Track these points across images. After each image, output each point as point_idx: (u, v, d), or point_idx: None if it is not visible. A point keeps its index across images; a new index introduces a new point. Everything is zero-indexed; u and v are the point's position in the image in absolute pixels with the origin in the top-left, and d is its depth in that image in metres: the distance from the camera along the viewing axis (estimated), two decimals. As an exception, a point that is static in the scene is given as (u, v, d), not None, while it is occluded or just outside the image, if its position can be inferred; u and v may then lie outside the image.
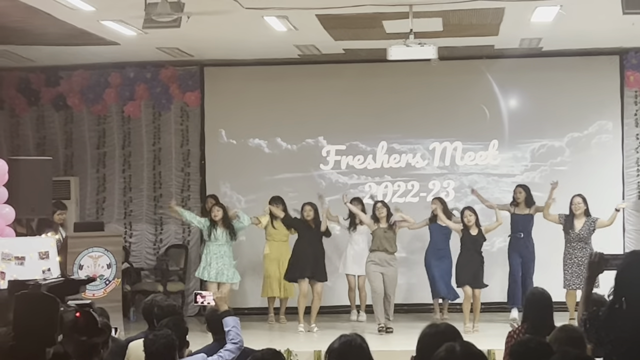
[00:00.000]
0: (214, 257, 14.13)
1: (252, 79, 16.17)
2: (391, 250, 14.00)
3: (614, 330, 5.68)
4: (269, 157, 16.24)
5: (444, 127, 15.97)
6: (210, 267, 14.13)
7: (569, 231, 13.76)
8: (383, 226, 14.02)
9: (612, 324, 5.72)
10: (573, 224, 13.76)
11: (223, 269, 14.14)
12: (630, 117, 15.80)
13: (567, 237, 13.80)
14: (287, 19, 12.19)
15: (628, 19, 11.70)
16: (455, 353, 4.29)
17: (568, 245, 13.78)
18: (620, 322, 5.66)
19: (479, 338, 13.00)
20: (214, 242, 14.18)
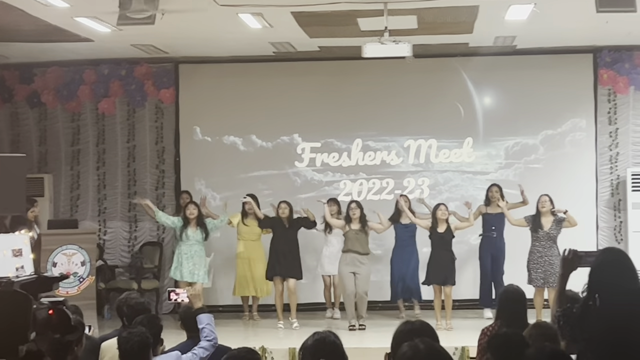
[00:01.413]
0: (185, 257, 14.10)
1: (227, 76, 16.16)
2: (363, 251, 14.00)
3: (588, 327, 5.71)
4: (244, 155, 16.22)
5: (419, 125, 16.00)
6: (182, 267, 14.10)
7: (537, 230, 13.77)
8: (355, 227, 14.01)
9: (586, 321, 5.75)
10: (541, 222, 13.78)
11: (194, 269, 14.10)
12: (603, 115, 15.88)
13: (536, 236, 13.78)
14: (262, 16, 12.17)
15: (602, 17, 11.76)
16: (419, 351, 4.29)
17: (537, 244, 13.75)
18: (594, 319, 5.69)
19: (452, 335, 13.12)
20: (185, 242, 14.15)
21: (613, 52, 15.73)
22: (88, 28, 12.71)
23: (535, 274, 13.66)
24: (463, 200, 15.22)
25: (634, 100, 15.82)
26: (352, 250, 13.91)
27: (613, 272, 5.74)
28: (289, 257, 14.23)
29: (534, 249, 13.75)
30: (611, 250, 6.20)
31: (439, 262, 13.95)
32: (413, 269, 14.55)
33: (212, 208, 15.28)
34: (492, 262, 14.56)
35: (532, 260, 13.71)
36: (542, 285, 13.60)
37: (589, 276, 5.80)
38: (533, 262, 13.70)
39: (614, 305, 5.66)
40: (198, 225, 14.18)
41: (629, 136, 15.82)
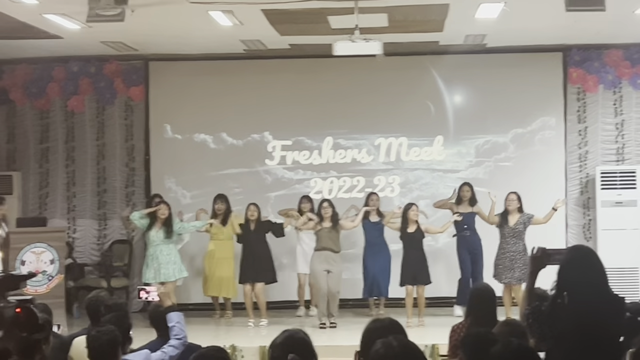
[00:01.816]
0: (150, 259, 14.03)
1: (198, 73, 16.10)
2: (336, 249, 14.02)
3: (557, 324, 5.74)
4: (215, 152, 16.18)
5: (390, 123, 16.01)
6: (147, 269, 14.03)
7: (503, 226, 13.88)
8: (327, 226, 14.02)
9: (554, 319, 5.77)
10: (507, 219, 13.88)
11: (160, 269, 14.00)
12: (573, 114, 15.96)
13: (502, 232, 13.90)
14: (232, 13, 12.14)
15: (571, 16, 11.80)
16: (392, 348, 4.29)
17: (503, 240, 13.88)
18: (563, 317, 5.71)
19: (423, 333, 13.14)
20: (150, 244, 14.08)
21: (582, 51, 15.82)
22: (57, 25, 12.64)
23: (498, 270, 13.75)
24: (434, 199, 15.28)
25: (603, 98, 15.91)
26: (326, 248, 13.92)
27: (581, 269, 5.76)
28: (258, 261, 14.21)
29: (500, 245, 13.87)
30: (579, 248, 6.22)
31: (410, 262, 13.98)
32: (383, 266, 14.55)
33: (182, 207, 15.24)
34: (471, 259, 14.59)
35: (497, 256, 13.83)
36: (507, 282, 13.66)
37: (557, 274, 5.82)
38: (498, 258, 13.81)
39: (582, 303, 5.69)
40: (163, 225, 14.07)
41: (598, 135, 15.91)
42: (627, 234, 15.29)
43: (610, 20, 12.97)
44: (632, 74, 15.81)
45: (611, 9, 10.90)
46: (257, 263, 14.22)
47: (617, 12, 12.04)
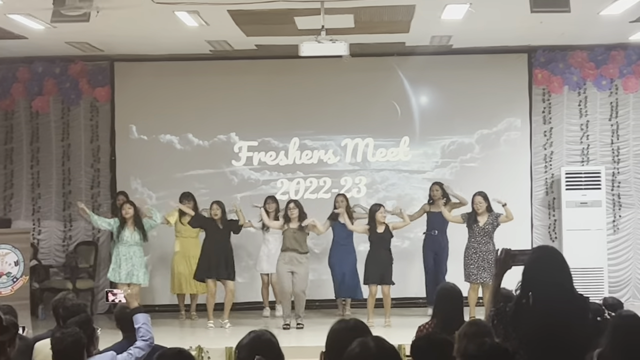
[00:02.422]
0: (124, 259, 13.96)
1: (164, 74, 16.05)
2: (302, 250, 14.02)
3: (521, 325, 5.76)
4: (181, 153, 16.13)
5: (356, 124, 16.03)
6: (120, 268, 13.95)
7: (472, 226, 13.92)
8: (293, 227, 14.01)
9: (519, 319, 5.79)
10: (476, 219, 13.93)
11: (133, 270, 13.96)
12: (538, 115, 16.05)
13: (471, 232, 13.94)
14: (198, 14, 12.10)
15: (536, 17, 11.88)
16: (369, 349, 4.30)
17: (472, 240, 13.90)
18: (528, 317, 5.74)
19: (389, 333, 13.12)
20: (124, 244, 14.01)
21: (547, 52, 15.92)
22: (22, 25, 12.55)
23: (468, 269, 13.79)
24: (400, 199, 15.34)
25: (568, 99, 16.01)
26: (291, 249, 13.91)
27: (546, 270, 5.79)
28: (222, 259, 14.17)
29: (469, 245, 13.89)
30: (544, 248, 6.25)
31: (377, 262, 13.99)
32: (352, 268, 14.56)
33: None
34: (435, 260, 14.63)
35: (467, 256, 13.85)
36: (475, 281, 13.72)
37: (522, 274, 5.85)
38: (468, 258, 13.83)
39: (547, 303, 5.71)
40: (135, 226, 14.04)
41: (563, 135, 16.01)
42: (591, 235, 15.40)
43: (575, 22, 13.06)
44: (597, 75, 15.93)
45: (576, 10, 10.99)
46: (224, 261, 14.15)
47: (581, 14, 12.13)
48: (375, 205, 14.38)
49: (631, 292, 15.80)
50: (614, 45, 15.71)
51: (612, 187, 15.90)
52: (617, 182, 15.93)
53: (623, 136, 15.98)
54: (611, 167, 15.89)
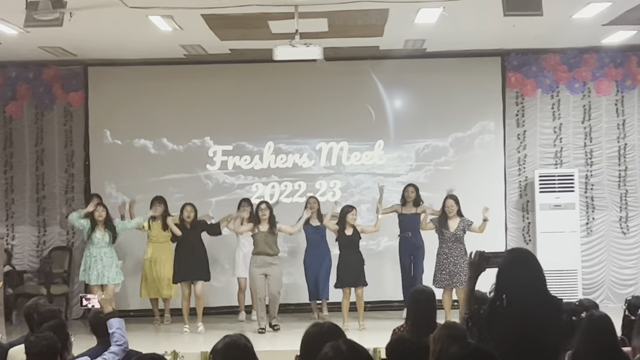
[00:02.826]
0: (94, 260, 13.92)
1: (138, 79, 16.02)
2: (273, 252, 14.01)
3: (495, 327, 5.78)
4: (155, 158, 16.10)
5: (331, 128, 16.05)
6: (90, 270, 13.91)
7: (443, 231, 13.93)
8: (264, 229, 14.01)
9: (493, 322, 5.82)
10: (447, 223, 13.94)
11: (103, 271, 13.92)
12: (511, 118, 16.12)
13: (442, 237, 13.93)
14: (172, 18, 12.08)
15: (509, 20, 11.91)
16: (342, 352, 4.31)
17: (444, 245, 13.89)
18: (502, 320, 5.76)
19: (365, 336, 13.16)
20: (94, 245, 13.97)
21: (520, 55, 15.99)
22: (-6, 30, 12.49)
23: (440, 275, 13.79)
24: (375, 203, 15.33)
25: (541, 102, 16.10)
26: (262, 253, 13.92)
27: (520, 272, 5.81)
28: (195, 260, 14.14)
29: (440, 250, 13.89)
30: (518, 250, 6.28)
31: (349, 265, 14.00)
32: (325, 270, 14.58)
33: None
34: (412, 261, 14.64)
35: (438, 261, 13.85)
36: (448, 287, 13.74)
37: (496, 277, 5.87)
38: (439, 264, 13.84)
39: (520, 305, 5.73)
40: (106, 227, 14.02)
41: (537, 138, 16.09)
42: (565, 237, 15.48)
43: (548, 25, 13.12)
44: (570, 78, 16.02)
45: (548, 14, 11.01)
46: (194, 262, 14.13)
47: (554, 17, 12.18)
48: (347, 206, 14.38)
49: (605, 294, 15.89)
50: (586, 49, 15.80)
51: (586, 189, 16.00)
52: (590, 185, 16.03)
53: (596, 139, 16.07)
54: (584, 170, 15.98)
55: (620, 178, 16.04)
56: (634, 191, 15.96)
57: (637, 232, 16.05)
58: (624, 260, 16.03)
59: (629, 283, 15.93)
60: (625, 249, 16.05)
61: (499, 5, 10.81)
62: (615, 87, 16.09)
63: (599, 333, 6.52)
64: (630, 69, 16.01)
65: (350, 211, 14.16)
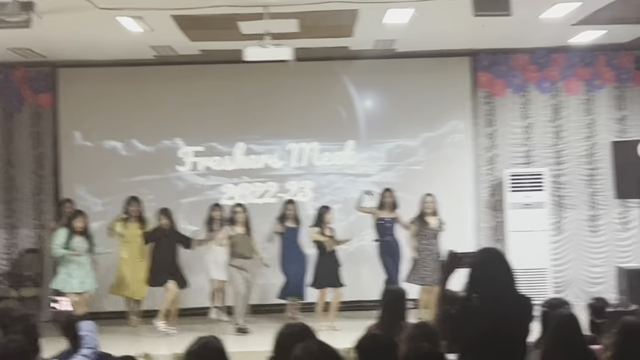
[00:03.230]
0: (75, 267, 13.78)
1: (107, 80, 15.96)
2: (249, 255, 14.06)
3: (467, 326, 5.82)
4: (125, 159, 16.05)
5: (301, 128, 16.06)
6: (71, 278, 13.76)
7: (423, 229, 13.98)
8: (240, 231, 14.03)
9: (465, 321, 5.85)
10: (426, 221, 13.99)
11: (85, 279, 13.84)
12: (481, 117, 16.19)
13: (423, 234, 13.99)
14: (142, 19, 12.05)
15: (479, 20, 11.95)
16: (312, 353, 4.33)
17: (424, 242, 13.94)
18: (473, 319, 5.80)
19: (338, 337, 13.16)
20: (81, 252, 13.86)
21: (490, 55, 16.07)
22: (-38, 31, 12.40)
23: (424, 271, 13.79)
24: (346, 203, 15.41)
25: (511, 102, 16.18)
26: (241, 255, 13.95)
27: (490, 271, 5.86)
28: (174, 266, 14.15)
29: (422, 247, 13.91)
30: (488, 250, 6.33)
31: (327, 265, 14.02)
32: (303, 270, 14.61)
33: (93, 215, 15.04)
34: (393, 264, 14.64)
35: (421, 258, 13.85)
36: (432, 283, 13.68)
37: (467, 276, 5.91)
38: (422, 260, 13.84)
39: (492, 304, 5.78)
40: (85, 235, 13.90)
41: (507, 138, 16.16)
42: (535, 235, 15.55)
43: (517, 25, 13.19)
44: (539, 78, 16.11)
45: (517, 14, 11.08)
46: (174, 268, 14.14)
47: (523, 17, 12.25)
48: (324, 207, 14.39)
49: (575, 293, 15.97)
50: (555, 48, 15.89)
51: (555, 188, 16.08)
52: (560, 184, 16.12)
53: (565, 138, 16.17)
54: (554, 169, 16.07)
55: (589, 177, 16.15)
56: (603, 190, 16.06)
57: (606, 230, 16.15)
58: (594, 258, 16.13)
59: (598, 281, 16.03)
60: (595, 247, 16.16)
61: (469, 5, 10.86)
62: (584, 86, 16.19)
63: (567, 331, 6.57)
64: (599, 69, 16.12)
65: (327, 212, 14.19)
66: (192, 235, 14.80)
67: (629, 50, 16.01)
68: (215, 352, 5.14)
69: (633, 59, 16.13)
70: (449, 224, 14.19)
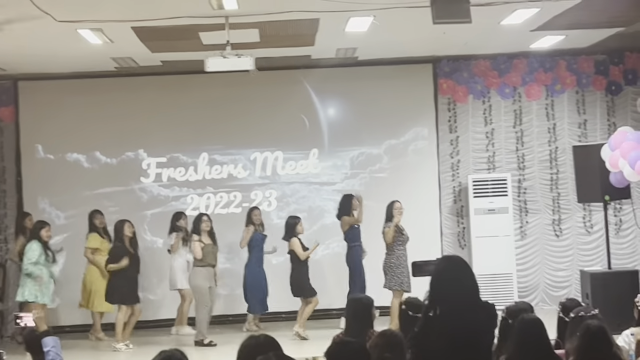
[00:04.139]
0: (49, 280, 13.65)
1: (69, 92, 15.86)
2: (216, 263, 14.05)
3: (430, 336, 5.83)
4: (88, 172, 15.96)
5: (265, 137, 16.04)
6: (48, 290, 13.62)
7: (401, 234, 13.94)
8: (208, 241, 14.01)
9: (427, 330, 5.86)
10: (400, 227, 13.97)
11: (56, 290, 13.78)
12: (444, 124, 16.24)
13: (399, 240, 13.92)
14: (102, 31, 11.99)
15: (439, 28, 11.99)
16: None
17: (401, 248, 13.81)
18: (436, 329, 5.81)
19: (304, 345, 13.19)
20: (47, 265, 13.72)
21: (452, 62, 16.14)
22: None
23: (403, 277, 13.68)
24: (310, 212, 15.46)
25: (472, 108, 16.25)
26: (209, 265, 13.94)
27: (452, 280, 5.86)
28: (135, 282, 14.03)
29: (400, 254, 13.79)
30: (449, 258, 6.33)
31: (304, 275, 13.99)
32: (266, 282, 14.63)
33: (56, 228, 14.96)
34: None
35: (402, 265, 13.73)
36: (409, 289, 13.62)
37: (429, 285, 5.91)
38: (403, 267, 13.74)
39: (454, 313, 5.78)
40: (47, 247, 13.78)
41: (469, 144, 16.23)
42: (500, 241, 15.61)
43: (477, 32, 13.24)
44: (500, 84, 16.20)
45: (477, 20, 11.11)
46: (134, 284, 14.04)
47: (483, 24, 12.30)
48: (293, 217, 14.36)
49: (540, 297, 16.06)
50: (516, 54, 15.99)
51: (519, 193, 16.17)
52: (523, 189, 16.21)
53: (527, 143, 16.26)
54: (517, 174, 16.16)
55: (552, 181, 16.24)
56: (566, 194, 16.16)
57: (569, 234, 16.25)
58: (558, 262, 16.22)
59: (563, 285, 16.13)
60: (559, 251, 16.25)
61: (429, 13, 10.89)
62: (545, 91, 16.29)
63: (531, 336, 6.59)
64: (559, 73, 16.23)
65: (298, 222, 14.16)
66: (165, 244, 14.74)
67: (589, 54, 16.14)
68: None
69: (593, 63, 16.25)
70: (414, 230, 14.23)
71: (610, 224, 14.88)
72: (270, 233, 14.91)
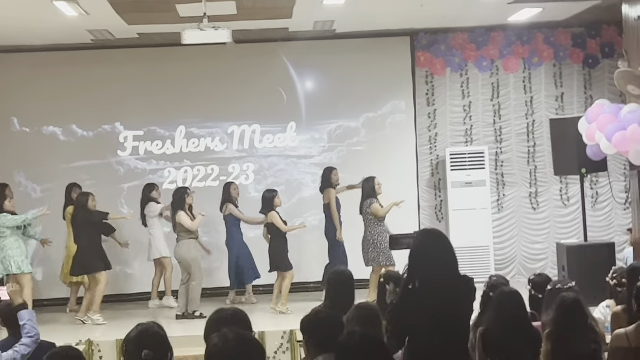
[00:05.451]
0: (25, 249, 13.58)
1: (44, 65, 15.75)
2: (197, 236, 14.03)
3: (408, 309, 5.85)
4: (65, 145, 15.88)
5: (242, 111, 15.99)
6: (27, 258, 13.53)
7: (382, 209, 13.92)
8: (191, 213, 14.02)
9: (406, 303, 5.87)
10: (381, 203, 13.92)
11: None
12: (422, 97, 16.25)
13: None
14: (77, 3, 11.91)
15: (417, 0, 12.00)
16: (228, 341, 4.30)
17: (382, 224, 13.69)
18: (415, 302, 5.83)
19: (282, 318, 13.22)
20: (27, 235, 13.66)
21: (429, 35, 16.12)
22: None
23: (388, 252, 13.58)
24: (288, 185, 15.44)
25: (450, 81, 16.25)
26: (196, 237, 13.90)
27: (431, 253, 5.87)
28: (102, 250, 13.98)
29: (382, 230, 13.69)
30: (427, 232, 6.33)
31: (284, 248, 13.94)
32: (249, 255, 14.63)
33: (32, 201, 14.92)
34: None
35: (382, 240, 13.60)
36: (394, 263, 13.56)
37: (408, 259, 5.92)
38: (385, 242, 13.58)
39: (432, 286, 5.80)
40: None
41: (447, 117, 16.24)
42: (477, 214, 15.68)
43: (455, 4, 13.26)
44: (478, 57, 16.20)
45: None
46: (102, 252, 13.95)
47: (461, -3, 12.31)
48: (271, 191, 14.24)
49: (517, 269, 16.14)
50: (494, 27, 15.99)
51: (496, 166, 16.21)
52: (501, 162, 16.26)
53: (505, 116, 16.29)
54: (494, 147, 16.20)
55: (530, 154, 16.29)
56: (543, 167, 16.21)
57: (546, 207, 16.32)
58: (535, 235, 16.30)
59: (539, 258, 16.21)
60: (536, 224, 16.32)
61: (407, -15, 10.91)
62: (523, 64, 16.31)
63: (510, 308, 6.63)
64: (537, 46, 16.23)
65: (275, 195, 14.06)
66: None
67: (566, 27, 16.15)
68: (155, 338, 5.12)
69: (570, 36, 16.27)
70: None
71: (586, 197, 14.92)
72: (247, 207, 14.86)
